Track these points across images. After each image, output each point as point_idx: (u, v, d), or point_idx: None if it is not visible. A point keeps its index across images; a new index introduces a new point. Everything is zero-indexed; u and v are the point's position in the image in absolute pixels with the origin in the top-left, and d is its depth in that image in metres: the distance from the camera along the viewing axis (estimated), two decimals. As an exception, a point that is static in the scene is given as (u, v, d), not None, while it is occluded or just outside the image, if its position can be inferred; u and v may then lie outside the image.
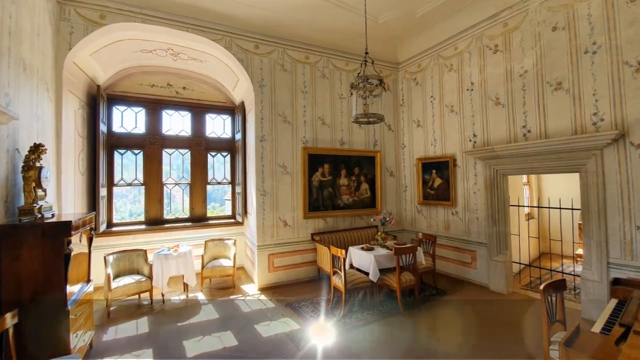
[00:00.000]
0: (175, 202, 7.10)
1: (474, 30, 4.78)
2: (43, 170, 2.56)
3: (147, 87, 5.46)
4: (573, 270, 4.79)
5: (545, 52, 3.91)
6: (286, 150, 5.11)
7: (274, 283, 4.88)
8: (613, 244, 3.34)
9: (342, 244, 5.21)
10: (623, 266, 3.26)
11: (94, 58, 4.42)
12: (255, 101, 4.95)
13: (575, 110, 3.62)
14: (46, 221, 2.38)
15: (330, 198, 5.43)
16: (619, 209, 3.29)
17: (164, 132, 5.64)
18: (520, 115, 4.19)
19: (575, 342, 1.69)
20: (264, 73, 5.02)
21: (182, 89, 5.75)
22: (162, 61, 5.28)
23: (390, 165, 6.35)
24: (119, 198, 7.91)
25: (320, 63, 5.52)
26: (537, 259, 5.54)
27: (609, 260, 3.37)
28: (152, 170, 5.49)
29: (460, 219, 5.13)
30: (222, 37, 4.67)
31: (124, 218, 7.10)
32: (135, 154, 5.44)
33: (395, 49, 6.02)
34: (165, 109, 5.66)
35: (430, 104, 5.69)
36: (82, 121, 4.44)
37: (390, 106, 6.34)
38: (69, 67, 3.92)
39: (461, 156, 5.10)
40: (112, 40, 4.33)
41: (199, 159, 5.89)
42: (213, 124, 6.16)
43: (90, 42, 4.02)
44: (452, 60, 5.21)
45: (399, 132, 6.48)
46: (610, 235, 3.36)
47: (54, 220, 2.44)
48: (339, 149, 5.55)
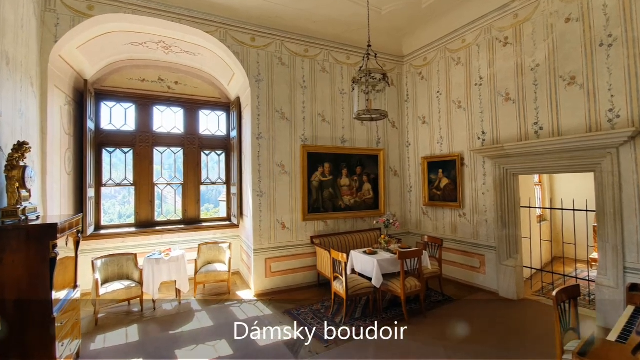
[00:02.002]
0: (167, 204, 7.10)
1: (483, 22, 4.78)
2: (27, 170, 2.55)
3: (138, 82, 5.46)
4: (587, 275, 4.80)
5: (558, 45, 3.91)
6: (284, 149, 5.11)
7: (272, 289, 4.89)
8: (630, 247, 3.34)
9: (344, 247, 5.21)
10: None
11: (81, 51, 4.42)
12: (252, 97, 4.96)
13: (589, 106, 3.62)
14: (30, 223, 2.38)
15: (330, 199, 5.44)
16: (636, 210, 3.29)
17: (155, 129, 5.64)
18: (532, 112, 4.20)
19: (589, 352, 1.69)
20: (260, 67, 5.02)
21: (174, 83, 5.76)
22: (154, 54, 5.28)
23: (394, 164, 6.35)
24: (108, 199, 7.91)
25: (321, 56, 5.52)
26: (549, 263, 5.55)
27: (625, 265, 3.37)
28: (143, 169, 5.49)
29: (469, 221, 5.13)
30: (216, 29, 4.67)
31: (113, 220, 7.10)
32: (125, 153, 5.45)
33: (399, 42, 6.02)
34: (156, 105, 5.67)
35: (437, 99, 5.69)
36: (68, 118, 4.45)
37: (394, 102, 6.34)
38: (55, 60, 3.92)
39: (469, 155, 5.10)
40: (101, 32, 4.33)
41: (192, 158, 5.89)
42: (207, 121, 6.16)
43: (78, 34, 4.02)
44: (460, 54, 5.21)
45: (403, 129, 6.49)
46: (626, 238, 3.36)
47: (39, 223, 2.43)
48: (340, 147, 5.56)
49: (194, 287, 4.77)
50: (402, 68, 6.41)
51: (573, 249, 5.27)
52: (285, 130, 5.15)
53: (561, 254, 6.15)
